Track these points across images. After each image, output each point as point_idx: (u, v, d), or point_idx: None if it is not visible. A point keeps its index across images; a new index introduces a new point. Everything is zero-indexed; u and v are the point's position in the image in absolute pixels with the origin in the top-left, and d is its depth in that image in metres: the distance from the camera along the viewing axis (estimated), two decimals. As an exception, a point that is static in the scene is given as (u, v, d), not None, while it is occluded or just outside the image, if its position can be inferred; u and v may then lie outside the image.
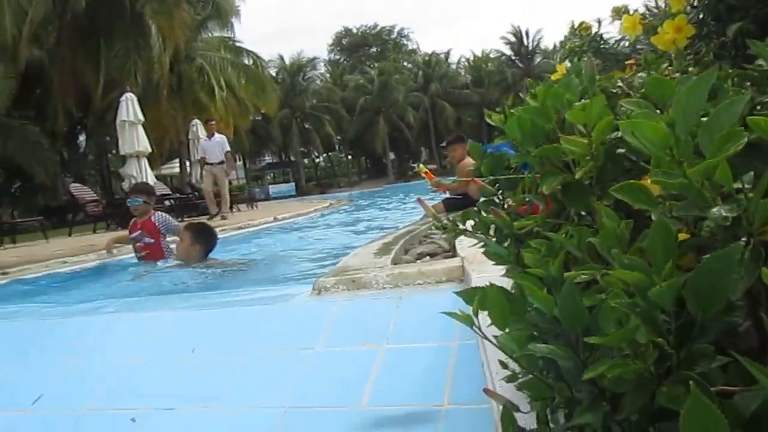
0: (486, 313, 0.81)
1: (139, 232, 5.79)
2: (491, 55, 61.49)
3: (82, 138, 29.67)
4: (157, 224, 5.79)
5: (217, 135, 13.71)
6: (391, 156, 60.72)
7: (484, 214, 1.14)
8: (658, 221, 0.53)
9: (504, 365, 1.05)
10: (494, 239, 1.13)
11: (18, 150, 21.88)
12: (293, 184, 51.18)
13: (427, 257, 3.85)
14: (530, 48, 58.97)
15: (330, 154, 66.06)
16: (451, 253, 3.56)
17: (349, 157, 67.79)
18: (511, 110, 1.12)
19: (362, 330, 2.24)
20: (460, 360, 1.95)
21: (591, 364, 0.56)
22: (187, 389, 2.15)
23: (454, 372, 1.92)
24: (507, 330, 0.74)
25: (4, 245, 11.44)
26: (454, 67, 64.71)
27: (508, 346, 0.70)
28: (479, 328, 0.82)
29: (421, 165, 6.56)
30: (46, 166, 23.59)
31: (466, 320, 0.81)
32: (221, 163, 13.35)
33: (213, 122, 14.26)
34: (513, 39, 59.53)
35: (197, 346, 2.37)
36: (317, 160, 67.13)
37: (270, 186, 50.03)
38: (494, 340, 0.78)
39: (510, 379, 0.98)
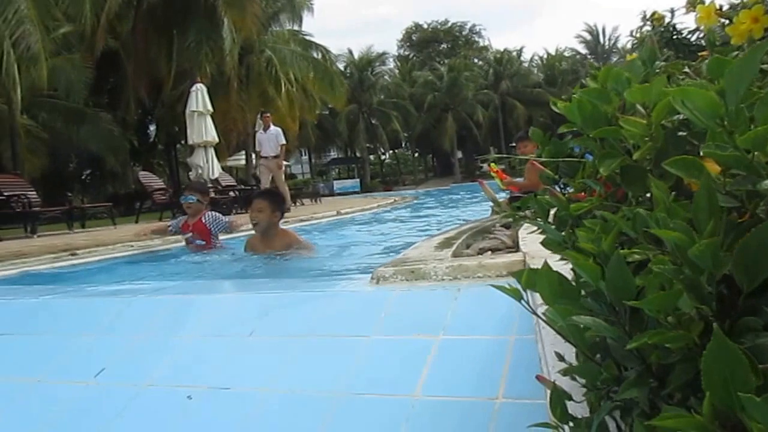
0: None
1: (191, 234, 5.81)
2: (566, 54, 60.28)
3: (152, 127, 30.52)
4: (207, 225, 5.77)
5: (272, 127, 13.49)
6: (459, 155, 60.23)
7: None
8: (702, 185, 0.52)
9: (560, 357, 1.04)
10: (553, 226, 1.12)
11: (91, 137, 22.73)
12: (358, 180, 51.39)
13: (489, 252, 3.81)
14: (607, 47, 57.57)
15: (396, 151, 65.95)
16: (514, 249, 3.52)
17: (416, 154, 67.62)
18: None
19: (418, 320, 2.24)
20: (517, 354, 1.93)
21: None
22: (243, 370, 2.20)
23: (510, 366, 1.90)
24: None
25: (74, 229, 11.94)
26: (526, 65, 63.72)
27: (554, 320, 0.70)
28: (527, 303, 0.81)
29: (492, 164, 6.35)
30: (117, 153, 24.46)
31: (515, 293, 0.80)
32: (276, 156, 13.13)
33: (268, 114, 14.14)
34: (589, 37, 58.25)
35: (255, 329, 2.42)
36: (383, 157, 67.07)
37: (335, 182, 50.40)
38: (543, 317, 0.77)
39: (566, 372, 0.97)
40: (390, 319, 2.30)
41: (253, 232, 5.06)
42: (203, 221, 5.78)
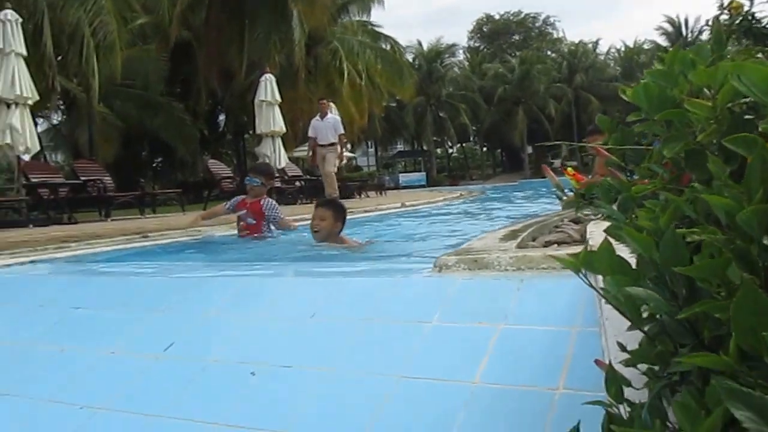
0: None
1: (245, 211, 5.82)
2: (645, 46, 58.19)
3: (221, 117, 31.17)
4: (264, 208, 5.79)
5: (330, 115, 12.91)
6: (529, 150, 59.27)
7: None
8: (756, 155, 0.52)
9: (623, 348, 1.04)
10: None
11: (164, 126, 23.45)
12: (424, 173, 51.18)
13: (555, 245, 3.77)
14: (689, 39, 55.37)
15: (464, 144, 65.39)
16: (581, 243, 3.47)
17: (484, 148, 66.97)
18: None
19: (480, 308, 2.24)
20: (580, 346, 1.91)
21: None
22: (304, 350, 2.26)
23: (572, 357, 1.89)
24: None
25: (146, 215, 12.39)
26: (602, 58, 62.00)
27: (610, 291, 0.70)
28: (585, 275, 0.82)
29: (569, 168, 6.33)
30: (188, 142, 25.15)
31: (572, 264, 0.81)
32: (332, 145, 12.53)
33: (324, 101, 13.54)
34: (670, 29, 56.23)
35: (317, 312, 2.47)
36: (450, 151, 66.64)
37: (400, 174, 50.37)
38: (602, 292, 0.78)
39: (628, 362, 0.97)
40: (451, 307, 2.31)
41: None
42: (261, 203, 5.81)
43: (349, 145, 36.14)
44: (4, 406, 2.37)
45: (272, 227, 5.86)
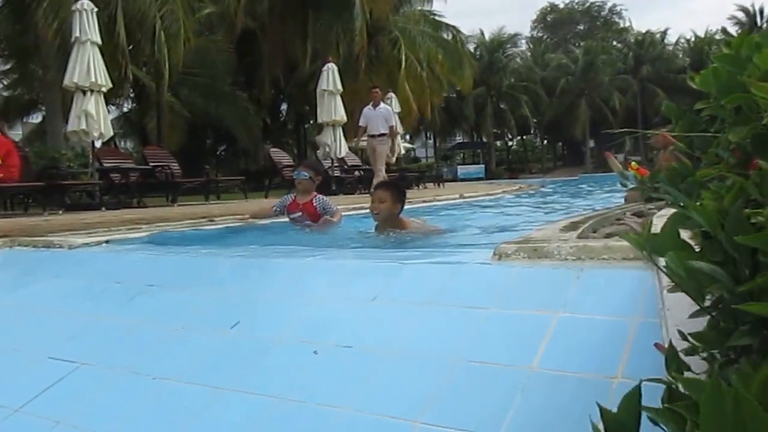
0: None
1: (300, 214, 5.69)
2: (716, 36, 55.92)
3: (283, 106, 31.53)
4: (317, 208, 5.64)
5: (382, 105, 12.54)
6: (591, 143, 57.99)
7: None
8: None
9: (683, 336, 1.04)
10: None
11: (228, 115, 23.88)
12: (483, 166, 50.51)
13: (616, 238, 3.72)
14: (763, 28, 53.01)
15: (524, 137, 64.41)
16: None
17: (545, 141, 65.87)
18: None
19: (539, 296, 2.25)
20: (640, 336, 1.90)
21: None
22: (365, 332, 2.33)
23: (632, 347, 1.88)
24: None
25: (210, 201, 12.72)
26: (670, 48, 59.94)
27: (672, 268, 0.72)
28: (650, 255, 0.83)
29: (633, 162, 6.25)
30: (250, 131, 25.52)
31: (636, 243, 0.82)
32: (382, 135, 12.14)
33: (377, 90, 12.98)
34: (744, 18, 53.96)
35: (378, 295, 2.53)
36: (510, 143, 65.71)
37: (459, 166, 49.84)
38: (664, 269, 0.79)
39: (689, 351, 0.98)
40: (510, 294, 2.33)
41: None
42: (314, 204, 5.62)
43: (407, 136, 36.08)
44: (86, 374, 2.52)
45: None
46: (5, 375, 2.69)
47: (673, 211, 1.16)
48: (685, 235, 1.18)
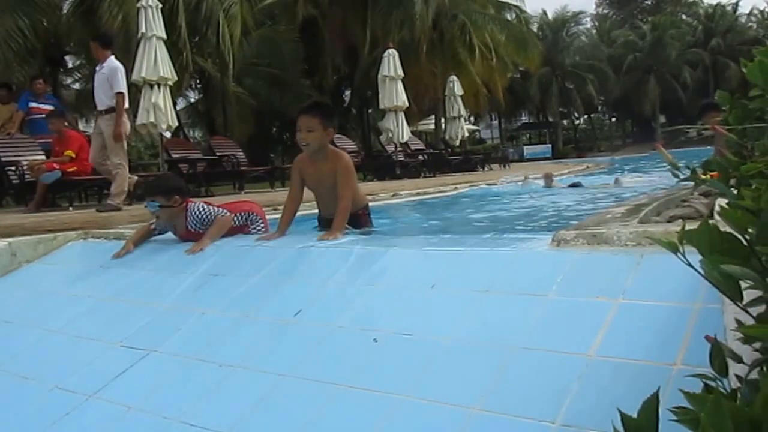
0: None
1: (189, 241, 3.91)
2: (791, 7, 53.21)
3: (346, 93, 31.66)
4: (192, 229, 4.00)
5: None
6: (662, 119, 56.11)
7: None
8: None
9: (739, 323, 1.04)
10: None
11: (292, 102, 24.12)
12: (549, 146, 49.63)
13: (680, 220, 3.64)
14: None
15: (591, 116, 62.90)
16: (709, 217, 3.33)
17: (613, 119, 64.19)
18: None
19: (598, 283, 2.24)
20: (701, 323, 1.88)
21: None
22: (424, 320, 2.36)
23: (692, 334, 1.86)
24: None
25: (275, 188, 12.98)
26: (743, 20, 57.41)
27: (709, 270, 0.72)
28: (683, 255, 0.84)
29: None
30: (315, 118, 25.65)
31: (670, 246, 0.83)
32: None
33: None
34: (820, -15, 51.05)
35: (437, 282, 2.56)
36: (577, 122, 64.31)
37: (525, 147, 49.22)
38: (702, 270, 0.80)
39: (746, 340, 0.97)
40: (569, 281, 2.32)
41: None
42: (189, 228, 4.04)
43: (471, 118, 35.76)
44: (154, 361, 2.65)
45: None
46: (80, 363, 2.83)
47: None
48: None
